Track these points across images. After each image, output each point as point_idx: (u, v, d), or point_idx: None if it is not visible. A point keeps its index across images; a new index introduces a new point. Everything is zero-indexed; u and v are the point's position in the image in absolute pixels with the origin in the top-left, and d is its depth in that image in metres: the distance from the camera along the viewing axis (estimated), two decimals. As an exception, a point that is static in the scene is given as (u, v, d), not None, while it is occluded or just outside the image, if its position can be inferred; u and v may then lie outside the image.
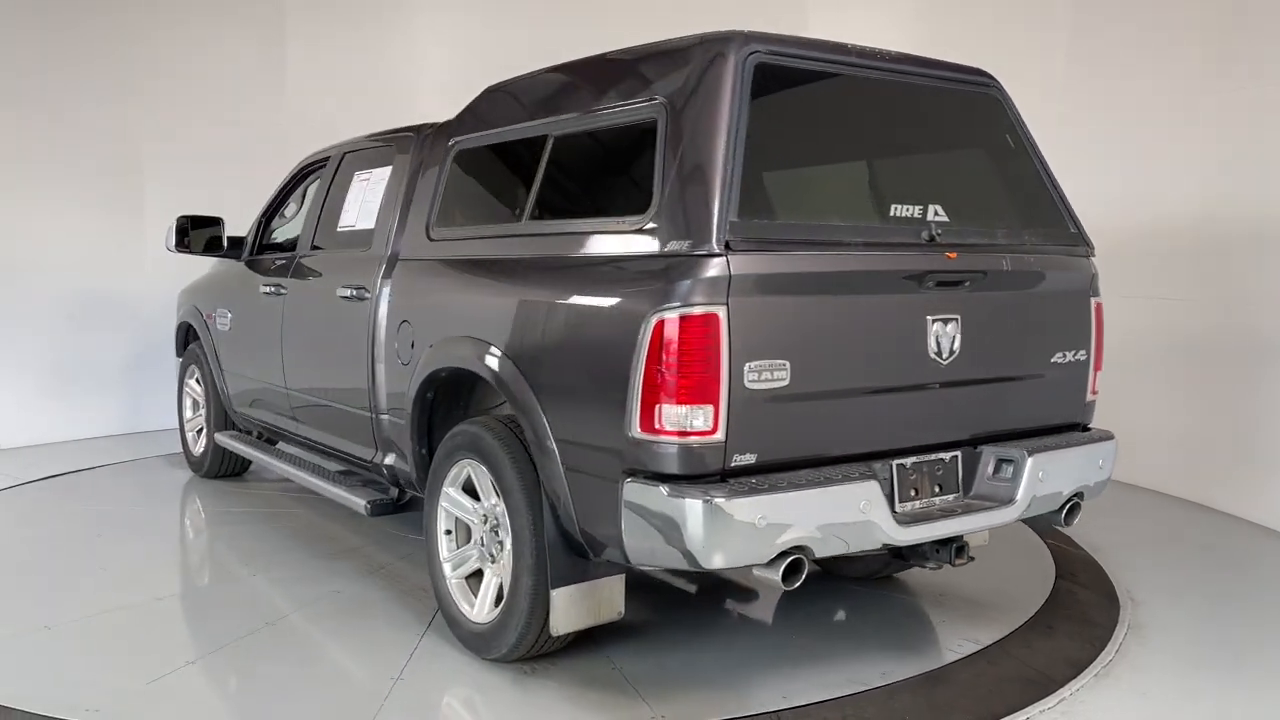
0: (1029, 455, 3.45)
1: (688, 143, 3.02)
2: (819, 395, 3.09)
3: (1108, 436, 3.81)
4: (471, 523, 3.80)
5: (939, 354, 3.34)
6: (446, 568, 3.88)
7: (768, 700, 3.40)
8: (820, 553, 3.04)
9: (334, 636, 4.00)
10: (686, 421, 2.87)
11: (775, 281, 2.98)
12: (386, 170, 4.61)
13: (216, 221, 5.84)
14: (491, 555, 3.69)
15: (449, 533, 3.91)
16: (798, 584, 3.02)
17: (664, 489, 2.88)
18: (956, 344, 3.37)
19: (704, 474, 2.91)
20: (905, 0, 8.08)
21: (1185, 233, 6.08)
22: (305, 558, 4.88)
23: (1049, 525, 4.15)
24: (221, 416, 6.22)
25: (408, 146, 4.51)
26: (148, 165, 7.86)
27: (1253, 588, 4.79)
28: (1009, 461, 3.48)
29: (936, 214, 3.37)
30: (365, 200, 4.68)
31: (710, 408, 2.87)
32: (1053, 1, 7.02)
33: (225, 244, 5.85)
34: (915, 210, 3.34)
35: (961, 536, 3.47)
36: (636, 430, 2.94)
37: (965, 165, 3.74)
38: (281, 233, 5.92)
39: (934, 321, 3.32)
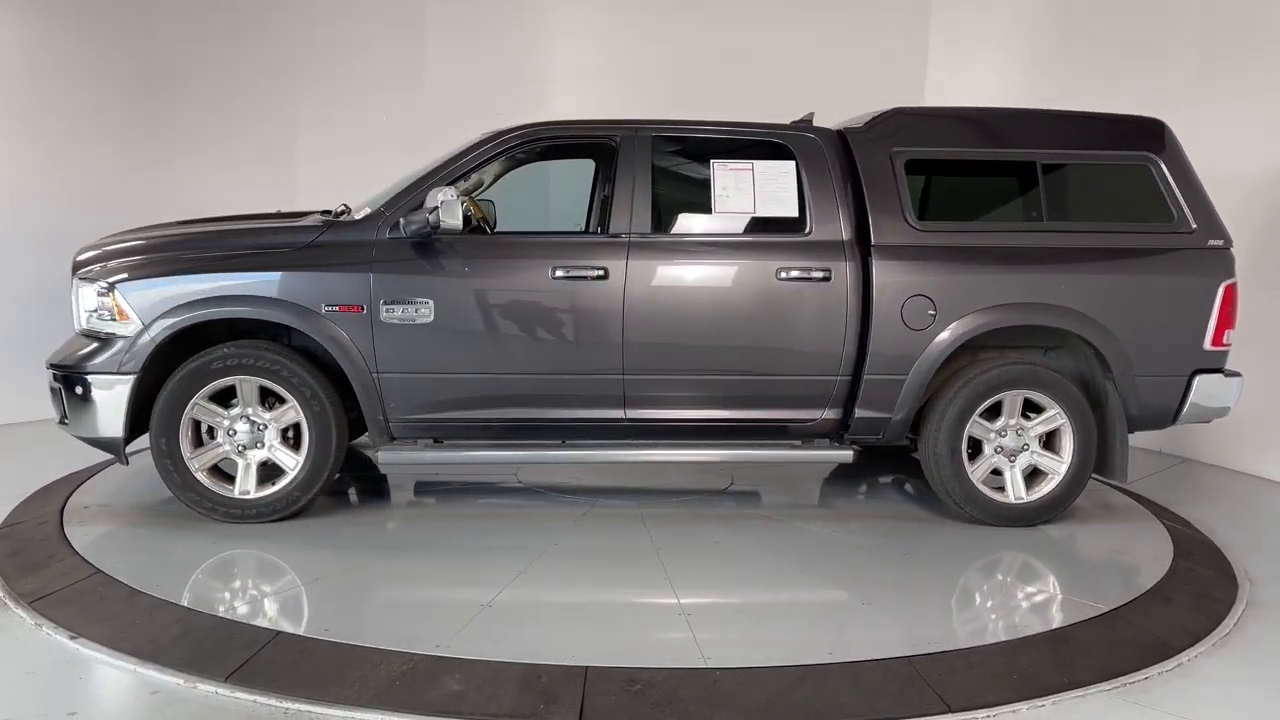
0: None
1: (1193, 183, 5.35)
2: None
3: None
4: (986, 438, 5.33)
5: None
6: (973, 474, 5.30)
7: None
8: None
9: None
10: (1231, 339, 5.35)
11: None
12: (787, 165, 5.18)
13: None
14: (1011, 457, 5.33)
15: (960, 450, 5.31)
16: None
17: (1221, 377, 5.34)
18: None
19: (1224, 368, 5.41)
20: (1021, 33, 8.68)
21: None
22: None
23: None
24: (345, 431, 5.04)
25: (817, 147, 5.23)
26: (301, 149, 8.62)
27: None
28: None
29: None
30: (763, 189, 5.13)
31: (1234, 331, 5.39)
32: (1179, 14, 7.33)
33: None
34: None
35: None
36: (1209, 345, 5.28)
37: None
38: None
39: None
